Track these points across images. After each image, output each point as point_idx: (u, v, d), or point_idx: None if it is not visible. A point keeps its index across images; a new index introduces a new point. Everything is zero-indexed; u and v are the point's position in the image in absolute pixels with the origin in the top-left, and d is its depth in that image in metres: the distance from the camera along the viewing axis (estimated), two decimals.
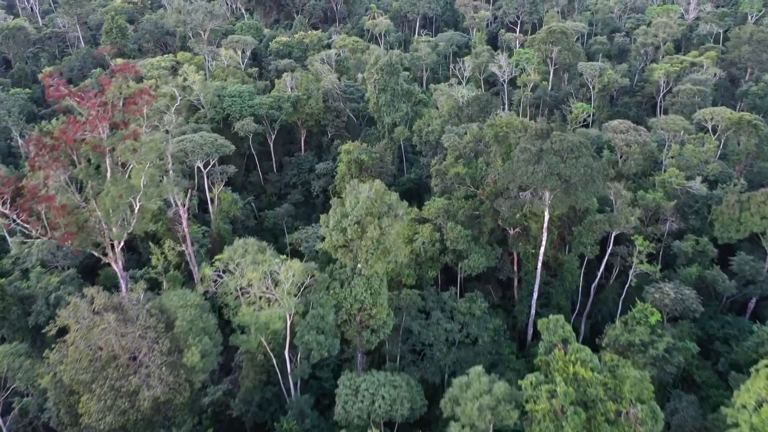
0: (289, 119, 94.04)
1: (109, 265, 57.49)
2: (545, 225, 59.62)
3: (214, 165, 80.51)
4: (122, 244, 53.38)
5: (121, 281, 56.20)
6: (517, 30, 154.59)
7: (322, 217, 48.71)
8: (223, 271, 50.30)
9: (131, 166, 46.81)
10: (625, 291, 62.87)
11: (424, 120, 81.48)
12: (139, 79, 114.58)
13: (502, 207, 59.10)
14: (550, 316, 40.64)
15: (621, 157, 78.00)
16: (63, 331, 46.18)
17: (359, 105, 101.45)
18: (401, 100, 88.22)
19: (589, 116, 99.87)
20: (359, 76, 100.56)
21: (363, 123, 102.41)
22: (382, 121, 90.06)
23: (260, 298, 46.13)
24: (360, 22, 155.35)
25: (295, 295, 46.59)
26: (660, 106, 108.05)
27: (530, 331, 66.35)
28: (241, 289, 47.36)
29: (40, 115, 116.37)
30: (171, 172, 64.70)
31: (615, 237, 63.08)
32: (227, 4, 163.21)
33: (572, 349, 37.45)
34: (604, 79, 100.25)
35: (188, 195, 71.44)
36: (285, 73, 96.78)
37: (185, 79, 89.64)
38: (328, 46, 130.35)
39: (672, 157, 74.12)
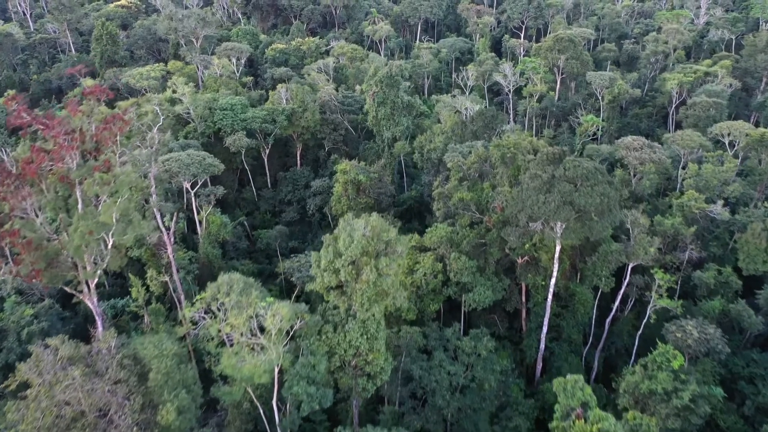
0: (284, 133, 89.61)
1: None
2: (556, 255, 55.17)
3: (205, 182, 76.17)
4: (96, 279, 49.03)
5: (97, 318, 51.87)
6: (522, 35, 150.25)
7: (313, 255, 44.26)
8: (206, 311, 45.98)
9: (103, 199, 42.37)
10: (642, 326, 58.27)
11: (426, 136, 76.99)
12: (120, 98, 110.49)
13: (510, 236, 54.58)
14: (568, 376, 36.13)
15: (634, 175, 73.49)
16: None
17: (358, 117, 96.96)
18: (402, 113, 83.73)
19: (598, 129, 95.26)
20: (357, 88, 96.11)
21: (362, 135, 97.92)
22: (382, 135, 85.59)
23: (244, 346, 41.63)
24: (360, 27, 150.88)
25: (284, 345, 42.08)
26: (672, 118, 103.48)
27: (539, 366, 61.93)
28: (224, 335, 42.92)
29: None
30: (154, 196, 60.18)
31: (632, 266, 58.57)
32: (224, 8, 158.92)
33: (593, 417, 32.96)
34: (614, 90, 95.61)
35: (174, 218, 67.21)
36: (279, 85, 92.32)
37: (174, 91, 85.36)
38: (327, 53, 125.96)
39: (690, 177, 69.49)
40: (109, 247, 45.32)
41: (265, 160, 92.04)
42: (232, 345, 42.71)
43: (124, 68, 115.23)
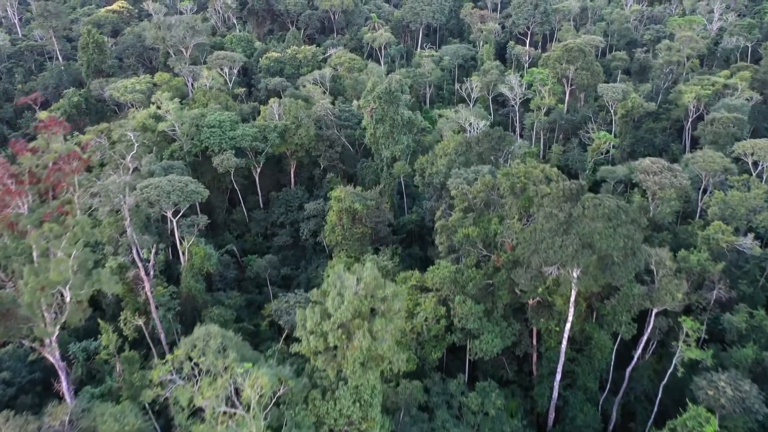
0: (276, 151, 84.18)
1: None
2: (572, 299, 49.67)
3: (192, 205, 70.70)
4: (57, 333, 43.66)
5: (60, 373, 46.57)
6: (527, 41, 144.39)
7: (299, 312, 38.71)
8: (179, 370, 40.58)
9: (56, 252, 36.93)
10: (667, 375, 52.66)
11: (427, 158, 71.42)
12: (106, 110, 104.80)
13: (520, 279, 49.11)
14: None
15: (653, 201, 67.88)
16: None
17: (355, 132, 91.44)
18: (401, 131, 78.23)
19: (610, 146, 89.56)
20: (354, 103, 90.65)
21: (360, 152, 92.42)
22: (380, 154, 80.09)
23: (218, 422, 36.19)
24: (359, 33, 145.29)
25: (264, 416, 36.64)
26: (688, 133, 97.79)
27: (552, 416, 56.41)
28: (197, 404, 37.53)
29: (11, 138, 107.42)
30: (129, 229, 54.82)
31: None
32: (218, 13, 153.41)
33: None
34: (627, 103, 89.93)
35: (154, 250, 61.85)
36: (271, 99, 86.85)
37: (159, 107, 80.00)
38: (324, 61, 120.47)
39: (715, 205, 63.86)
40: (67, 300, 39.96)
41: (257, 178, 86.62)
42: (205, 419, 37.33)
43: (112, 78, 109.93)
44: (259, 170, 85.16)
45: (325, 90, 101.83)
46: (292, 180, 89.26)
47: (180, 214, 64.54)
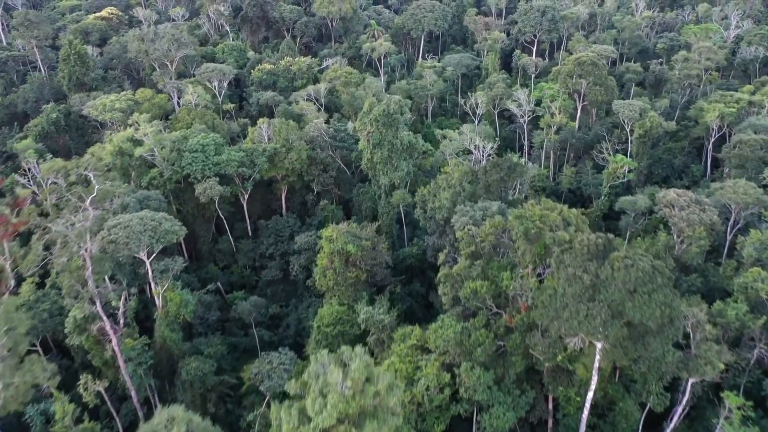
0: (266, 175, 77.66)
1: None
2: (595, 367, 43.12)
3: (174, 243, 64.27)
4: None
5: None
6: (534, 50, 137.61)
7: (273, 409, 32.21)
8: None
9: None
10: None
11: (429, 189, 64.71)
12: (88, 127, 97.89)
13: (537, 345, 42.60)
14: None
15: (680, 239, 61.26)
16: None
17: (352, 153, 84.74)
18: (401, 156, 71.60)
19: (627, 170, 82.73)
20: (350, 125, 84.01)
21: (356, 175, 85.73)
22: (378, 180, 73.49)
23: None
24: (358, 41, 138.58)
25: None
26: (708, 153, 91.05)
27: None
28: None
29: None
30: (90, 280, 48.30)
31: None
32: (211, 20, 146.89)
33: None
34: (646, 123, 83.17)
35: (123, 297, 55.50)
36: (260, 120, 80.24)
37: (137, 129, 73.53)
38: (320, 72, 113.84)
39: (751, 246, 57.14)
40: (0, 390, 33.49)
41: (245, 205, 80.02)
42: None
43: (95, 92, 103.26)
44: (247, 196, 78.59)
45: (319, 107, 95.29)
46: (284, 206, 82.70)
47: (155, 254, 57.99)
